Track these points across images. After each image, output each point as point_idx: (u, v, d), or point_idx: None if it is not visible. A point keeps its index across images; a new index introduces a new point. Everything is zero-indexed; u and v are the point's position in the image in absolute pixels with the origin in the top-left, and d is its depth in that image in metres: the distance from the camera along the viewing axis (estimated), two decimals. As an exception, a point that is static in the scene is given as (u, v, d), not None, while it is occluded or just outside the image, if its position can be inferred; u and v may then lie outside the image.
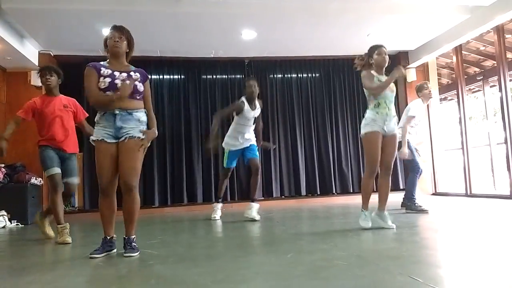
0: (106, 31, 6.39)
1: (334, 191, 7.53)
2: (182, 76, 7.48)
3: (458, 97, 7.20)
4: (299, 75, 7.84)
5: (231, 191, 7.29)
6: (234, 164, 5.07)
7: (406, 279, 1.87)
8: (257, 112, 4.94)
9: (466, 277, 1.97)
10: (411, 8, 5.73)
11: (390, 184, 3.62)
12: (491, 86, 7.25)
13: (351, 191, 7.57)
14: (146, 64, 7.15)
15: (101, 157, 2.77)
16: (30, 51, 6.26)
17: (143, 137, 2.80)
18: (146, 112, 2.94)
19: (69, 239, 3.55)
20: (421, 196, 6.20)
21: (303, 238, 3.42)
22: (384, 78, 3.54)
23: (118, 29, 2.91)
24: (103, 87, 2.76)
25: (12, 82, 6.56)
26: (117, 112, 2.76)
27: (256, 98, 4.91)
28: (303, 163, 7.55)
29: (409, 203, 4.83)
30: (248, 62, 7.57)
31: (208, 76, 7.55)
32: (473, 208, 4.92)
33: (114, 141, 2.78)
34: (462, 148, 6.97)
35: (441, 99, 8.25)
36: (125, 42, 2.92)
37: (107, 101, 2.75)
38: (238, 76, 7.66)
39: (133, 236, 2.84)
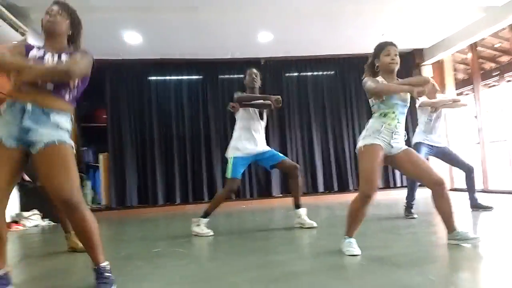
0: (128, 35, 6.64)
1: (351, 188, 7.65)
2: (200, 77, 7.68)
3: (474, 93, 7.22)
4: (314, 73, 7.95)
5: (250, 187, 7.48)
6: (240, 175, 3.99)
7: (424, 279, 1.98)
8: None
9: (484, 277, 2.09)
10: (425, 8, 5.75)
11: (450, 201, 2.68)
12: (507, 81, 7.24)
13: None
14: (166, 66, 7.41)
15: None
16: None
17: (71, 143, 2.07)
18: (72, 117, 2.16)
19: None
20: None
21: (322, 238, 3.54)
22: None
23: (59, 4, 2.23)
24: None
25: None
26: (28, 107, 2.00)
27: (258, 92, 4.23)
28: (320, 160, 7.67)
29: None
30: (264, 62, 7.70)
31: (226, 76, 7.73)
32: (492, 205, 4.92)
33: (14, 145, 1.99)
34: (479, 143, 7.01)
35: (457, 94, 8.23)
36: (66, 20, 2.23)
37: (11, 64, 1.98)
38: (255, 75, 7.79)
39: (103, 264, 2.10)
